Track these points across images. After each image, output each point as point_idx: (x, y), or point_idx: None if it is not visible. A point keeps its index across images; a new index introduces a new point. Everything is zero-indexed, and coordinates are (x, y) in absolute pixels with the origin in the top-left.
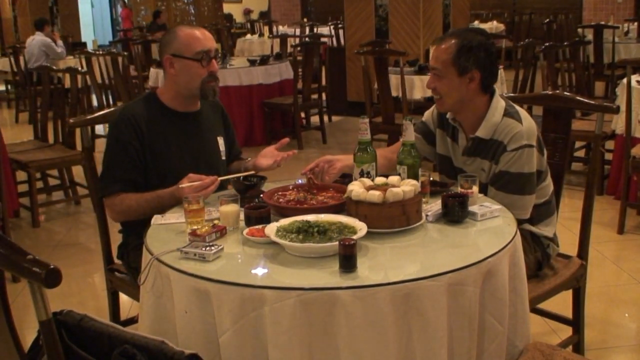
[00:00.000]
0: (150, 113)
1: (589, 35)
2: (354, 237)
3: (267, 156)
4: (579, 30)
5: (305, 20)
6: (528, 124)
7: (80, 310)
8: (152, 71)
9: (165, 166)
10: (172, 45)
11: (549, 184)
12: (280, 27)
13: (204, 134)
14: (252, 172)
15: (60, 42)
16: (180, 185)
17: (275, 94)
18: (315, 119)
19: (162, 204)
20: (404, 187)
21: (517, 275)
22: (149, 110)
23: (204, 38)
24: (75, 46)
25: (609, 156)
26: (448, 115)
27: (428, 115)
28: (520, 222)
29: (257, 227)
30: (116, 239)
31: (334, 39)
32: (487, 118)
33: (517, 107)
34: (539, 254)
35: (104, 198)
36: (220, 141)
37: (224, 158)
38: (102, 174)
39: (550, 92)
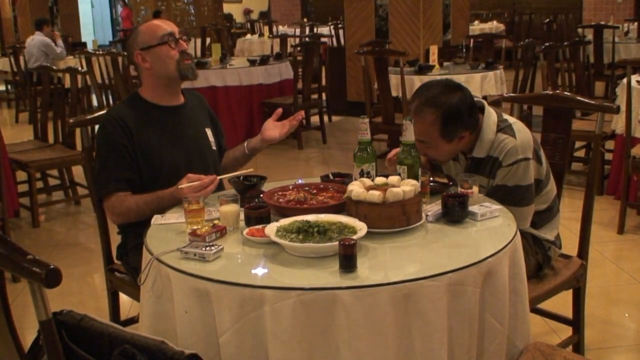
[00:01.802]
0: (135, 112)
1: (589, 35)
2: (354, 237)
3: (272, 128)
4: (579, 30)
5: (305, 20)
6: (522, 136)
7: (80, 310)
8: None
9: (158, 162)
10: (137, 42)
11: (550, 189)
12: (280, 27)
13: (191, 126)
14: (251, 170)
15: (60, 42)
16: (179, 186)
17: (275, 94)
18: (315, 119)
19: (162, 205)
20: (404, 187)
21: (517, 275)
22: (134, 109)
23: (164, 23)
24: (75, 46)
25: (609, 156)
26: None
27: None
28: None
29: (257, 227)
30: (116, 239)
31: (334, 39)
32: (480, 138)
33: (511, 119)
34: (539, 257)
35: (102, 200)
36: (209, 132)
37: (214, 148)
38: (96, 177)
39: (550, 92)
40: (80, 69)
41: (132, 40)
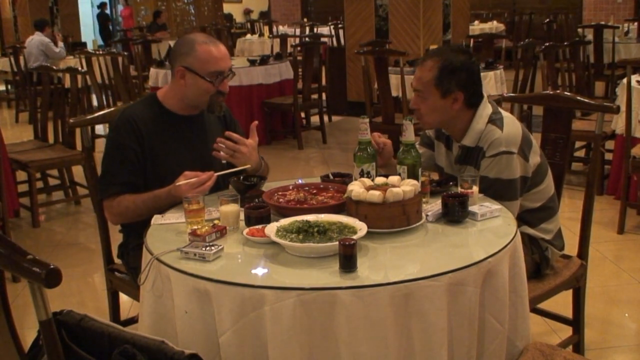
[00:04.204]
0: (150, 116)
1: (589, 35)
2: (354, 237)
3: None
4: (579, 30)
5: (305, 20)
6: (510, 130)
7: (80, 310)
8: (152, 71)
9: (164, 169)
10: (187, 58)
11: (544, 188)
12: (280, 27)
13: (203, 138)
14: (248, 165)
15: (61, 44)
16: (177, 183)
17: (275, 94)
18: (315, 119)
19: (160, 204)
20: (404, 187)
21: (517, 275)
22: (149, 112)
23: (221, 58)
24: (75, 46)
25: (609, 156)
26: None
27: None
28: (518, 224)
29: (257, 227)
30: (116, 239)
31: (334, 39)
32: (471, 126)
33: (505, 114)
34: (536, 256)
35: (102, 201)
36: None
37: (224, 162)
38: (101, 177)
39: (550, 92)
40: (80, 69)
41: (184, 51)
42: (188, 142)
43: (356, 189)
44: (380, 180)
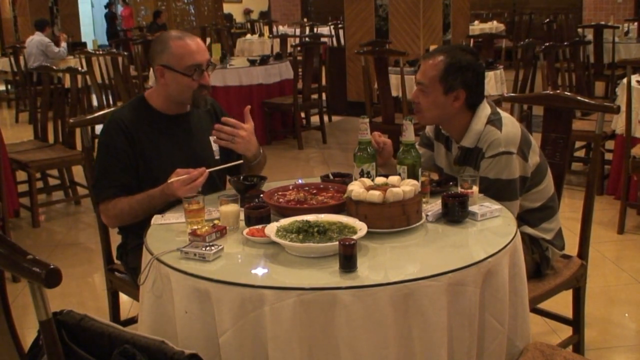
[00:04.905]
0: (138, 117)
1: (589, 35)
2: (354, 237)
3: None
4: (579, 30)
5: (305, 20)
6: (508, 130)
7: (80, 310)
8: (152, 71)
9: (157, 169)
10: (162, 56)
11: (544, 188)
12: (280, 27)
13: (194, 136)
14: (241, 161)
15: (64, 44)
16: (169, 181)
17: (275, 94)
18: (315, 119)
19: (154, 204)
20: (404, 187)
21: (517, 275)
22: (138, 114)
23: (196, 51)
24: (75, 46)
25: (609, 156)
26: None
27: (429, 127)
28: (518, 224)
29: (257, 227)
30: (116, 239)
31: (334, 39)
32: (470, 127)
33: (503, 114)
34: (537, 256)
35: (98, 204)
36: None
37: (217, 157)
38: (95, 181)
39: (550, 92)
40: (80, 69)
41: (159, 50)
42: (178, 140)
43: (356, 189)
44: (380, 180)
